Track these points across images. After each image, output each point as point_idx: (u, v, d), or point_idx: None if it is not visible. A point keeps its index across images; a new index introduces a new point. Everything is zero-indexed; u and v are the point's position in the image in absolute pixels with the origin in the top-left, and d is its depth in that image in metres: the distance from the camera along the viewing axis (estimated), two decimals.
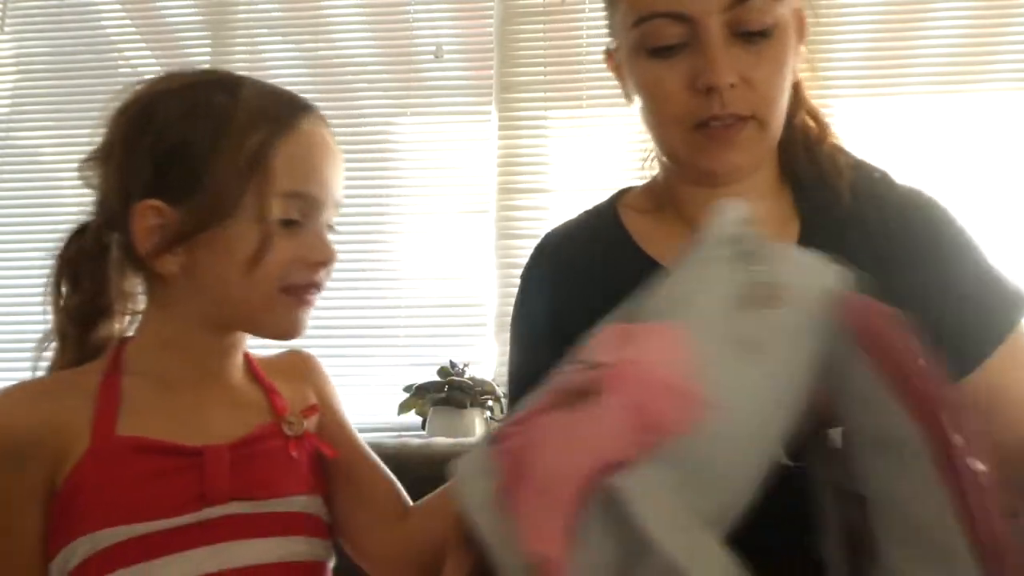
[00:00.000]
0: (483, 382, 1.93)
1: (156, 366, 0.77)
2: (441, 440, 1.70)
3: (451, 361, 1.98)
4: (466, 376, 1.94)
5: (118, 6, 2.40)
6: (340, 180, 0.79)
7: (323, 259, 0.77)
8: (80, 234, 0.82)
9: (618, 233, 0.85)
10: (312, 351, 0.89)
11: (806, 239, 0.80)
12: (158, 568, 0.68)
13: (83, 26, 2.40)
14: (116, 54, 2.39)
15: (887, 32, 2.15)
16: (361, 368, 2.16)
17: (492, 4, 2.27)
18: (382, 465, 0.86)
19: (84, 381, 0.76)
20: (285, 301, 0.76)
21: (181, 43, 2.38)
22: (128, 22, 2.40)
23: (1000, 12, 2.13)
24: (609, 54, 0.85)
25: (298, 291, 0.76)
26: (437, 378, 1.93)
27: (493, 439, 0.53)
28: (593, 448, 0.46)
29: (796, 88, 0.81)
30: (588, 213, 0.91)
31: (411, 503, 0.84)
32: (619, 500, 0.44)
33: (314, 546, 0.76)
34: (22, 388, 0.77)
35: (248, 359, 0.84)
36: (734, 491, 0.48)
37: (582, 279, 0.83)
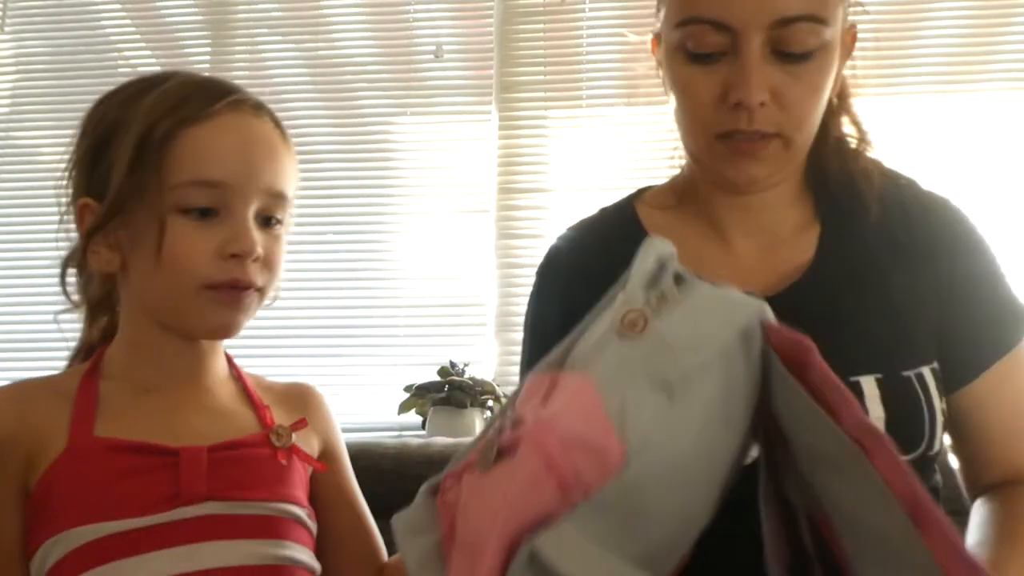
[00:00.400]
0: (483, 382, 1.93)
1: (130, 369, 0.77)
2: (441, 440, 1.70)
3: (451, 361, 1.98)
4: (466, 376, 1.94)
5: (118, 6, 2.40)
6: (271, 171, 0.75)
7: (239, 250, 0.72)
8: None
9: (635, 231, 0.84)
10: (312, 351, 0.88)
11: (824, 246, 0.80)
12: (132, 566, 0.68)
13: (83, 26, 2.40)
14: (116, 54, 2.39)
15: (887, 32, 2.15)
16: (361, 368, 2.16)
17: (492, 4, 2.27)
18: (369, 518, 0.86)
19: (63, 384, 0.76)
20: (209, 297, 0.73)
21: (181, 43, 2.38)
22: (128, 22, 2.40)
23: (999, 12, 2.13)
24: (655, 39, 0.84)
25: (222, 288, 0.73)
26: (437, 378, 1.93)
27: (434, 490, 0.54)
28: (512, 506, 0.46)
29: (841, 96, 0.81)
30: (604, 211, 0.91)
31: (387, 559, 0.85)
32: (542, 558, 0.44)
33: (296, 551, 0.75)
34: (6, 389, 0.77)
35: (239, 376, 0.83)
36: (670, 529, 0.48)
37: (596, 283, 0.83)
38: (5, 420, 0.73)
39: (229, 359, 0.85)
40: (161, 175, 0.71)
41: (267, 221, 0.76)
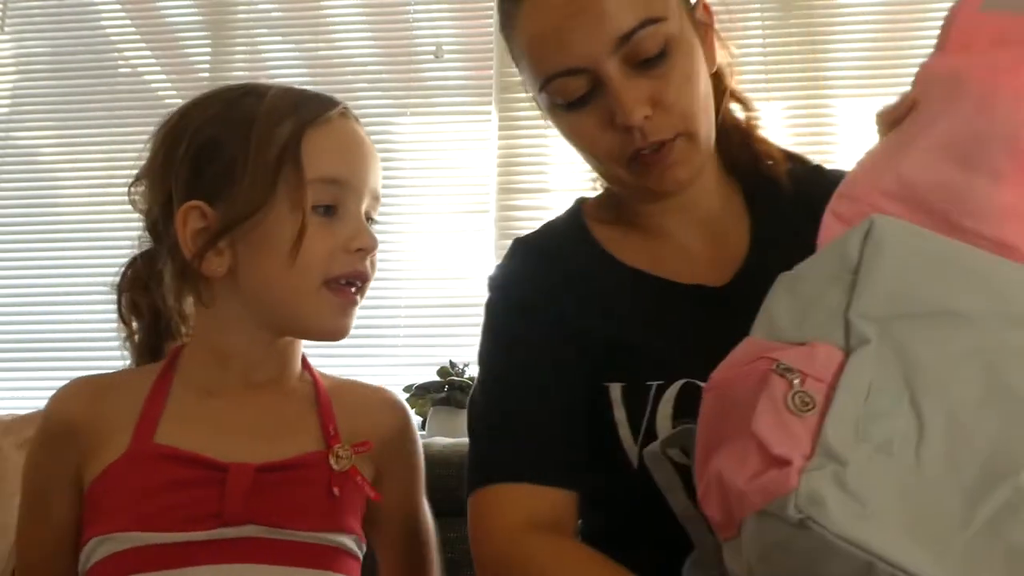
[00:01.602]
0: None
1: (204, 372, 0.78)
2: (441, 440, 1.69)
3: (451, 361, 1.98)
4: (466, 376, 1.94)
5: (118, 6, 2.40)
6: (376, 173, 0.80)
7: (363, 245, 0.76)
8: (132, 264, 0.83)
9: (590, 241, 0.84)
10: (312, 351, 0.86)
11: (757, 230, 0.81)
12: None
13: (83, 26, 2.40)
14: (116, 54, 2.38)
15: (887, 31, 2.15)
16: (361, 368, 2.15)
17: (492, 4, 2.27)
18: (431, 557, 0.84)
19: (139, 381, 0.78)
20: (329, 298, 0.75)
21: (181, 43, 2.38)
22: (128, 22, 2.40)
23: None
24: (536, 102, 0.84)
25: (342, 285, 0.75)
26: (437, 378, 1.93)
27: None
28: None
29: (717, 77, 0.81)
30: (555, 222, 0.90)
31: None
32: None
33: None
34: (84, 381, 0.79)
35: (314, 380, 0.82)
36: None
37: (566, 279, 0.82)
38: (77, 408, 0.76)
39: (305, 362, 0.84)
40: (296, 173, 0.73)
41: (367, 220, 0.79)
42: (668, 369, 0.72)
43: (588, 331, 0.77)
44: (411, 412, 0.85)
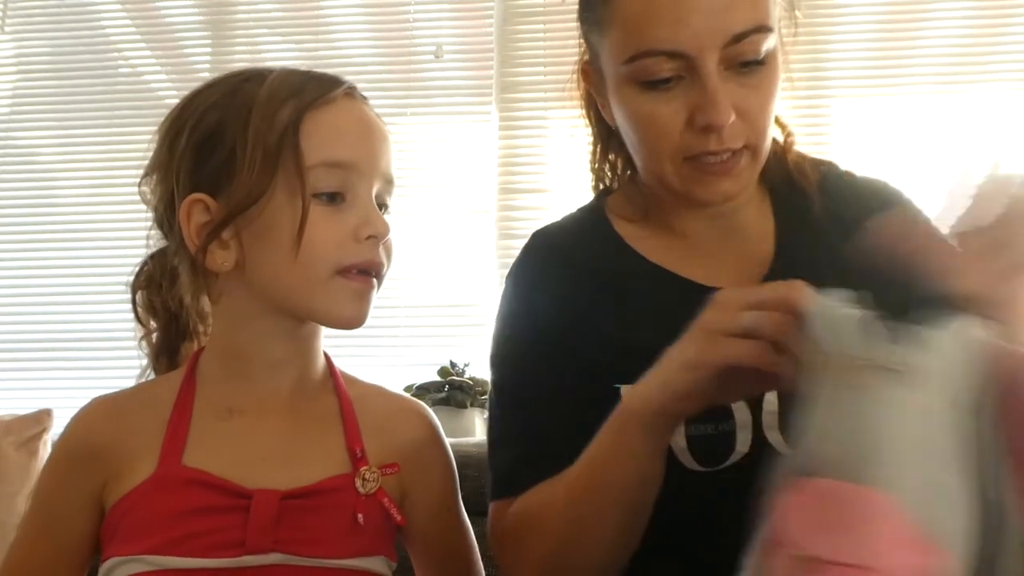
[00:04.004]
0: (483, 382, 1.93)
1: (226, 384, 0.75)
2: None
3: (451, 361, 1.98)
4: (466, 376, 1.94)
5: (118, 6, 2.40)
6: (387, 155, 0.75)
7: (373, 232, 0.71)
8: (146, 264, 0.80)
9: (613, 237, 0.84)
10: None
11: (782, 242, 0.81)
12: None
13: (83, 26, 2.40)
14: (116, 54, 2.38)
15: (887, 31, 2.15)
16: (361, 368, 2.14)
17: (492, 4, 2.27)
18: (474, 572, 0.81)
19: (159, 396, 0.75)
20: (343, 285, 0.71)
21: (181, 43, 2.38)
22: (128, 22, 2.40)
23: (1000, 11, 2.13)
24: (585, 72, 0.83)
25: (356, 273, 0.72)
26: (437, 378, 1.93)
27: None
28: None
29: None
30: (578, 214, 0.89)
31: None
32: None
33: None
34: (105, 401, 0.77)
35: (339, 390, 0.79)
36: None
37: (585, 278, 0.81)
38: (100, 430, 0.73)
39: (331, 367, 0.82)
40: (295, 159, 0.69)
41: (380, 207, 0.75)
42: None
43: (603, 332, 0.77)
44: (438, 423, 0.82)
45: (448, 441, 0.82)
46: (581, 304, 0.79)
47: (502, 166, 2.24)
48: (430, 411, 0.83)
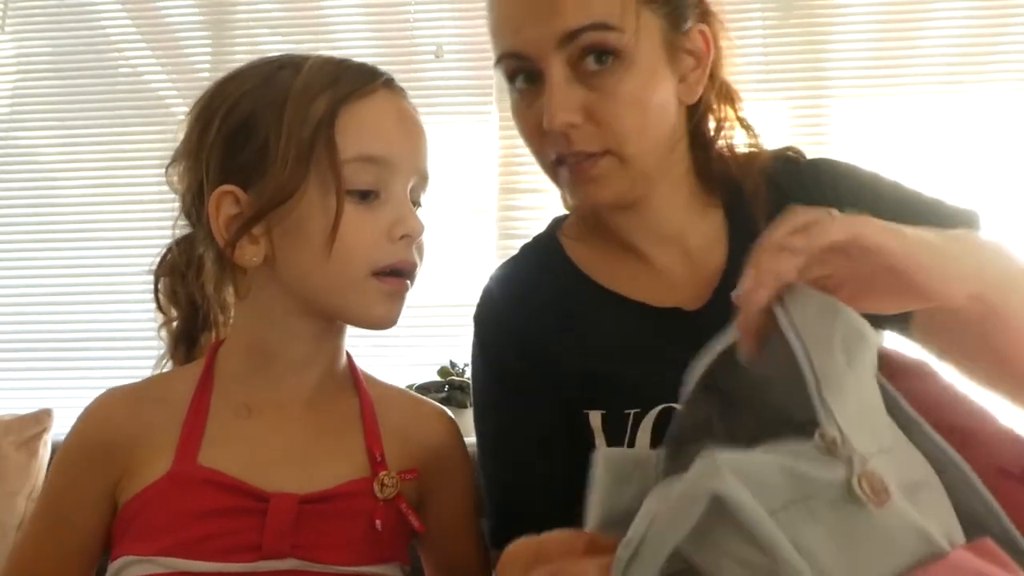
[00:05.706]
0: None
1: (244, 381, 0.73)
2: None
3: (451, 361, 1.98)
4: (466, 376, 1.94)
5: (118, 6, 2.40)
6: (423, 151, 0.73)
7: (408, 231, 0.70)
8: (170, 251, 0.79)
9: (565, 264, 0.83)
10: None
11: (733, 250, 0.78)
12: None
13: (83, 26, 2.39)
14: (116, 54, 2.38)
15: (887, 31, 2.15)
16: (361, 368, 2.15)
17: None
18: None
19: (176, 391, 0.73)
20: (376, 286, 0.69)
21: (181, 43, 2.38)
22: (128, 22, 2.40)
23: (1000, 11, 2.12)
24: None
25: (389, 274, 0.70)
26: (437, 378, 1.93)
27: None
28: None
29: (703, 101, 0.77)
30: (531, 247, 0.88)
31: None
32: None
33: None
34: (120, 393, 0.75)
35: (360, 391, 0.78)
36: None
37: (541, 315, 0.80)
38: (114, 425, 0.72)
39: (352, 366, 0.80)
40: (330, 153, 0.67)
41: (413, 204, 0.73)
42: (645, 396, 0.71)
43: (564, 364, 0.76)
44: (458, 429, 0.81)
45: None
46: (540, 343, 0.78)
47: (502, 166, 2.23)
48: (451, 415, 0.82)
